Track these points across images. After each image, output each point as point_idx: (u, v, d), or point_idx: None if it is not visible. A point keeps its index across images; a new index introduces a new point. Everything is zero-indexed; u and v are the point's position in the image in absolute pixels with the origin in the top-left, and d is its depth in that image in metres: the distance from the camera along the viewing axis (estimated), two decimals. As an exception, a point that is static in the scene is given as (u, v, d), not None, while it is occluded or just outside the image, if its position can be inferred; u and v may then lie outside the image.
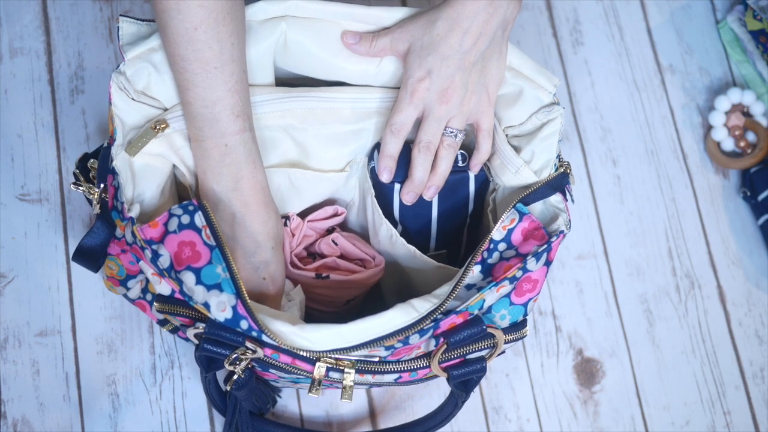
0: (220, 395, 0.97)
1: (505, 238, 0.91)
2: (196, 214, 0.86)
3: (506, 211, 0.90)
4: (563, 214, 0.93)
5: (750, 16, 1.22)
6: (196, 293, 0.85)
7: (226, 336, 0.85)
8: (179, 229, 0.86)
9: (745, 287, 1.20)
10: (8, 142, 1.16)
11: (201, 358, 0.88)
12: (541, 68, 0.94)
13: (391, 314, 0.86)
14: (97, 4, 1.22)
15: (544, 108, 0.94)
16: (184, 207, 0.87)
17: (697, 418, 1.15)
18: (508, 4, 0.90)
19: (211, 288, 0.85)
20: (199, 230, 0.86)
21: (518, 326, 0.93)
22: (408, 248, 0.97)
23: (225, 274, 0.85)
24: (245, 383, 0.89)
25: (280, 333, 0.85)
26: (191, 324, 0.88)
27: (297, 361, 0.87)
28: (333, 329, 0.85)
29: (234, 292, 0.85)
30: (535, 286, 0.91)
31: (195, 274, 0.85)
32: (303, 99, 0.94)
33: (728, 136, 1.23)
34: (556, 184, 0.94)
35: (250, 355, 0.86)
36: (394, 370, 0.90)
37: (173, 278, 0.86)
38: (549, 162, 0.94)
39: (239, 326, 0.85)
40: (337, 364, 0.87)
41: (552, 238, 0.90)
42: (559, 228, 0.91)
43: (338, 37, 0.94)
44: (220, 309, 0.84)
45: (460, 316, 0.88)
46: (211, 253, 0.86)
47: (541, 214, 0.94)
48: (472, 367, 0.92)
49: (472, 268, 0.89)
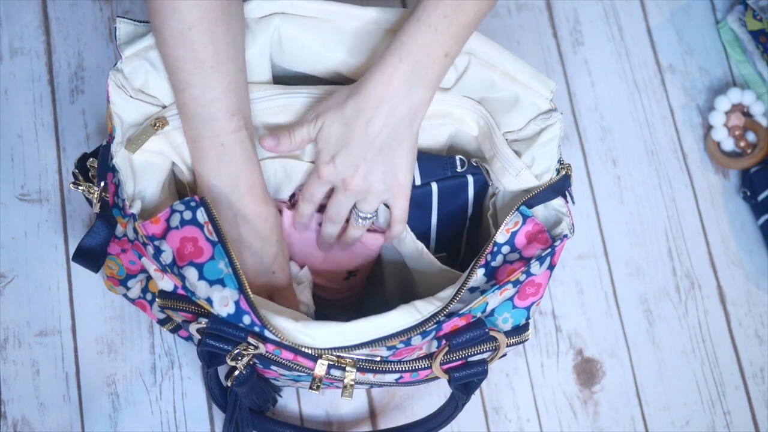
0: (221, 391, 0.97)
1: (508, 241, 0.91)
2: (198, 209, 0.87)
3: (510, 214, 0.90)
4: (566, 218, 0.92)
5: (750, 16, 1.22)
6: (199, 289, 0.85)
7: (228, 331, 0.85)
8: (181, 224, 0.86)
9: (745, 287, 1.20)
10: (8, 142, 1.16)
11: (203, 354, 0.88)
12: (537, 73, 0.94)
13: (395, 315, 0.86)
14: (97, 4, 1.22)
15: (541, 115, 0.94)
16: (186, 203, 0.87)
17: (697, 418, 1.15)
18: (416, 94, 0.88)
19: (213, 283, 0.85)
20: (202, 226, 0.86)
21: (520, 330, 0.93)
22: (416, 244, 0.97)
23: (228, 269, 0.85)
24: (246, 379, 0.89)
25: (282, 329, 0.86)
26: (194, 319, 0.88)
27: (299, 357, 0.87)
28: (336, 327, 0.86)
29: (237, 287, 0.85)
30: (538, 290, 0.91)
31: (198, 270, 0.85)
32: (299, 95, 0.94)
33: (728, 136, 1.23)
34: (559, 187, 0.94)
35: (252, 350, 0.86)
36: (396, 370, 0.90)
37: (176, 274, 0.86)
38: (550, 167, 0.94)
39: (242, 321, 0.85)
40: (339, 362, 0.87)
41: (556, 242, 0.90)
42: (562, 232, 0.91)
43: (333, 31, 0.94)
44: (223, 304, 0.85)
45: (462, 318, 0.88)
46: (213, 249, 0.86)
47: (544, 218, 0.94)
48: (473, 369, 0.92)
49: (476, 271, 0.89)
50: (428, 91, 0.89)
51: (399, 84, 0.88)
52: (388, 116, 0.89)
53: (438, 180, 0.97)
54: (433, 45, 0.87)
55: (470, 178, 0.97)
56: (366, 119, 0.89)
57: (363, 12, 0.94)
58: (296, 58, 0.95)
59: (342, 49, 0.94)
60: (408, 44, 0.87)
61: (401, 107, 0.88)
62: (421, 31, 0.87)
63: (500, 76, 0.93)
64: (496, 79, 0.93)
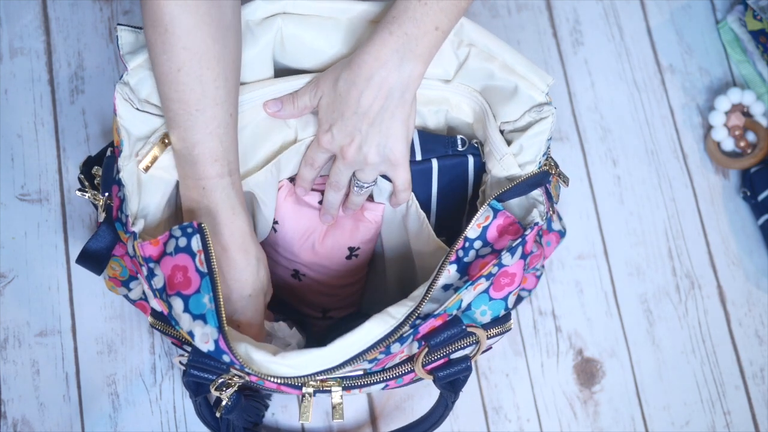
0: (213, 417, 0.96)
1: (480, 236, 0.91)
2: (194, 237, 0.86)
3: (480, 209, 0.91)
4: (540, 206, 0.93)
5: (750, 16, 1.22)
6: (183, 320, 0.85)
7: (210, 363, 0.86)
8: (175, 252, 0.86)
9: (745, 287, 1.20)
10: (8, 142, 1.16)
11: (189, 383, 0.88)
12: (534, 67, 0.95)
13: (369, 326, 0.86)
14: (97, 4, 1.22)
15: (535, 107, 0.94)
16: (183, 229, 0.86)
17: (697, 418, 1.15)
18: (407, 66, 0.89)
19: (196, 318, 0.84)
20: (194, 255, 0.85)
21: (501, 320, 0.93)
22: (420, 213, 0.99)
23: (211, 305, 0.84)
24: (234, 407, 0.89)
25: (261, 364, 0.85)
26: (179, 345, 0.89)
27: (282, 387, 0.87)
28: (314, 353, 0.85)
29: (216, 326, 0.84)
30: (513, 279, 0.91)
31: (183, 301, 0.85)
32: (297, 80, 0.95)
33: (728, 136, 1.23)
34: (535, 182, 0.94)
35: (237, 380, 0.86)
36: (380, 380, 0.91)
37: (164, 300, 0.86)
38: (535, 158, 0.94)
39: (221, 359, 0.85)
40: (323, 386, 0.88)
41: (526, 231, 0.90)
42: (533, 220, 0.91)
43: (335, 28, 0.94)
44: (204, 341, 0.84)
45: (438, 318, 0.88)
46: (201, 281, 0.85)
47: (518, 204, 0.94)
48: (456, 367, 0.92)
49: (447, 268, 0.89)
50: (419, 64, 0.89)
51: (389, 56, 0.88)
52: (380, 88, 0.89)
53: (438, 157, 0.98)
54: (423, 18, 0.88)
55: (470, 157, 0.98)
56: (358, 91, 0.90)
57: (364, 7, 0.94)
58: (299, 56, 0.95)
59: (345, 46, 0.94)
60: (398, 18, 0.88)
61: (391, 79, 0.89)
62: (411, 4, 0.88)
63: (499, 67, 0.94)
64: (495, 70, 0.94)
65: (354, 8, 0.94)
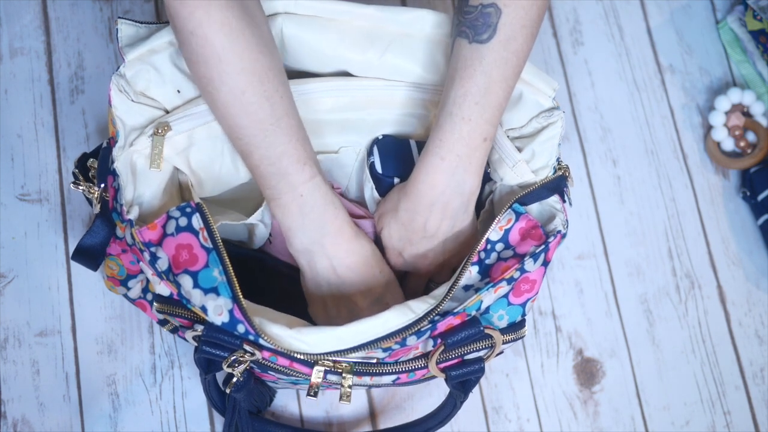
0: (220, 396, 0.97)
1: (502, 239, 0.91)
2: (194, 216, 0.86)
3: (503, 211, 0.91)
4: (560, 213, 0.93)
5: (750, 16, 1.22)
6: (194, 297, 0.85)
7: (223, 339, 0.85)
8: (177, 231, 0.86)
9: (745, 287, 1.20)
10: (8, 142, 1.16)
11: (200, 360, 0.88)
12: (539, 72, 0.95)
13: (388, 315, 0.86)
14: (97, 4, 1.22)
15: (543, 112, 0.94)
16: (181, 209, 0.87)
17: (697, 418, 1.15)
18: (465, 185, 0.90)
19: (208, 291, 0.85)
20: (197, 232, 0.86)
21: (516, 326, 0.93)
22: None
23: (222, 277, 0.85)
24: (244, 385, 0.89)
25: (276, 336, 0.85)
26: (190, 326, 0.88)
27: (294, 363, 0.87)
28: (330, 332, 0.86)
29: (230, 296, 0.85)
30: (533, 286, 0.91)
31: (192, 278, 0.85)
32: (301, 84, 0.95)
33: (728, 136, 1.23)
34: (554, 186, 0.94)
35: (249, 357, 0.86)
36: (392, 372, 0.90)
37: (171, 281, 0.86)
38: (548, 163, 0.94)
39: (236, 330, 0.85)
40: (335, 367, 0.87)
41: (549, 239, 0.90)
42: (556, 228, 0.91)
43: (336, 29, 0.94)
44: (217, 313, 0.84)
45: (457, 317, 0.88)
46: (208, 256, 0.86)
47: (538, 214, 0.94)
48: (470, 367, 0.92)
49: (468, 269, 0.90)
50: (475, 178, 0.91)
51: (445, 182, 0.89)
52: (443, 212, 0.91)
53: None
54: (471, 135, 0.88)
55: None
56: (423, 219, 0.92)
57: (366, 10, 0.94)
58: (300, 56, 0.95)
59: (346, 48, 0.94)
60: (446, 141, 0.89)
61: (453, 203, 0.91)
62: (456, 124, 0.88)
63: None
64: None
65: (355, 11, 0.94)
